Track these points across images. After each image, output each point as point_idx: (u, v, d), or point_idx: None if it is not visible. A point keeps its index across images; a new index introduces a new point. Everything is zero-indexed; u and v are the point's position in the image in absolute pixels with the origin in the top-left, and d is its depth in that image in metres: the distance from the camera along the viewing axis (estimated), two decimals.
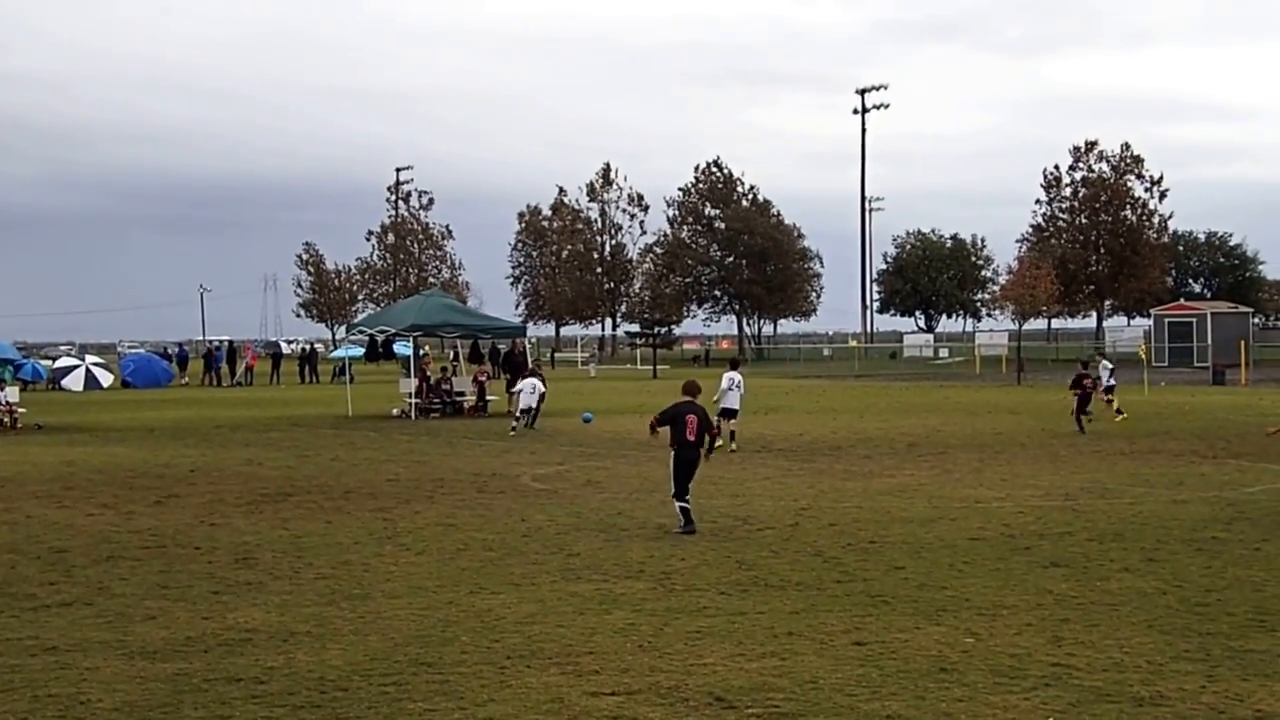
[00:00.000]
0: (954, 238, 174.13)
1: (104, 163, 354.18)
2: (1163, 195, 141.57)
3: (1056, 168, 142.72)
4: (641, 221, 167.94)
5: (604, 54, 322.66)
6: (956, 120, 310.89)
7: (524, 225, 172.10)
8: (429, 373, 55.44)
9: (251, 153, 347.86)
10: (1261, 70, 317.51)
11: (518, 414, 44.89)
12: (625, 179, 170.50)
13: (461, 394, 54.71)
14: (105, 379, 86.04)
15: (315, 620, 14.73)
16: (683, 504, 21.55)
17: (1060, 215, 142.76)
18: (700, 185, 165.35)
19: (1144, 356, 77.77)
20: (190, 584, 17.07)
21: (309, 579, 17.36)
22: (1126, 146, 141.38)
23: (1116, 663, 12.51)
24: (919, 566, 17.79)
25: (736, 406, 37.16)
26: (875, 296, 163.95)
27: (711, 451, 22.26)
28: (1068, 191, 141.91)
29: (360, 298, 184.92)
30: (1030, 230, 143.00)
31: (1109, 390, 46.98)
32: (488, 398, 54.39)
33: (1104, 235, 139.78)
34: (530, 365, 54.01)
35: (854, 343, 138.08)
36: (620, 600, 15.70)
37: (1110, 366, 48.90)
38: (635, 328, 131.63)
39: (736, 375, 37.77)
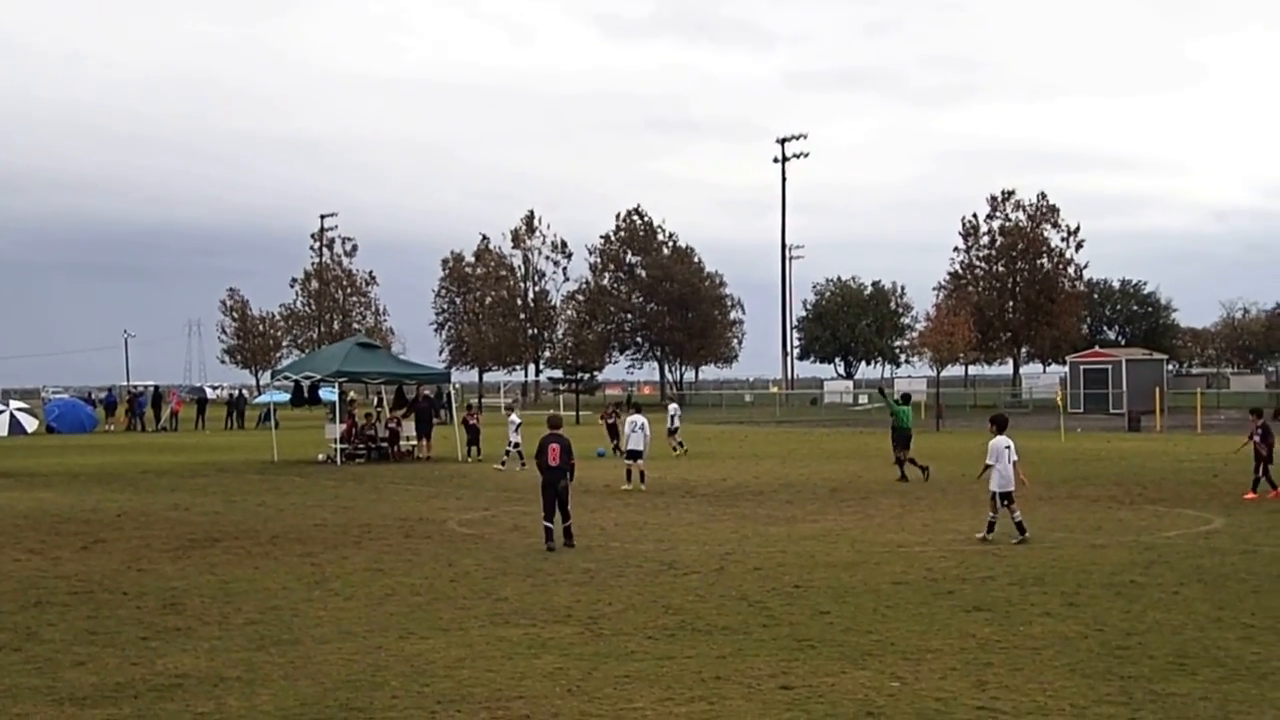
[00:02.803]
0: (874, 285, 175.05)
1: (24, 208, 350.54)
2: (1079, 245, 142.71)
3: (975, 216, 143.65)
4: (565, 268, 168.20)
5: (522, 104, 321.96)
6: (874, 169, 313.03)
7: (447, 272, 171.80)
8: (355, 418, 55.27)
9: (174, 198, 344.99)
10: (1168, 122, 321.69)
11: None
12: (549, 226, 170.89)
13: (385, 440, 54.60)
14: (30, 424, 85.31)
15: (245, 665, 14.62)
16: (547, 524, 24.83)
17: (978, 263, 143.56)
18: (621, 233, 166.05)
19: (1060, 403, 78.32)
20: (119, 630, 16.92)
21: (238, 624, 17.23)
22: (1043, 196, 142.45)
23: (1040, 706, 12.56)
24: (844, 611, 17.83)
25: (640, 448, 37.95)
26: (796, 343, 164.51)
27: (571, 479, 25.30)
28: (985, 240, 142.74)
29: (285, 343, 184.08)
30: (948, 278, 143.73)
31: (672, 432, 54.07)
32: (403, 444, 54.50)
33: (1020, 283, 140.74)
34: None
35: (775, 389, 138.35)
36: (549, 645, 15.67)
37: (677, 410, 55.60)
38: (558, 374, 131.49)
39: (640, 418, 38.65)
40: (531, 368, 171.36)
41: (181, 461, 54.03)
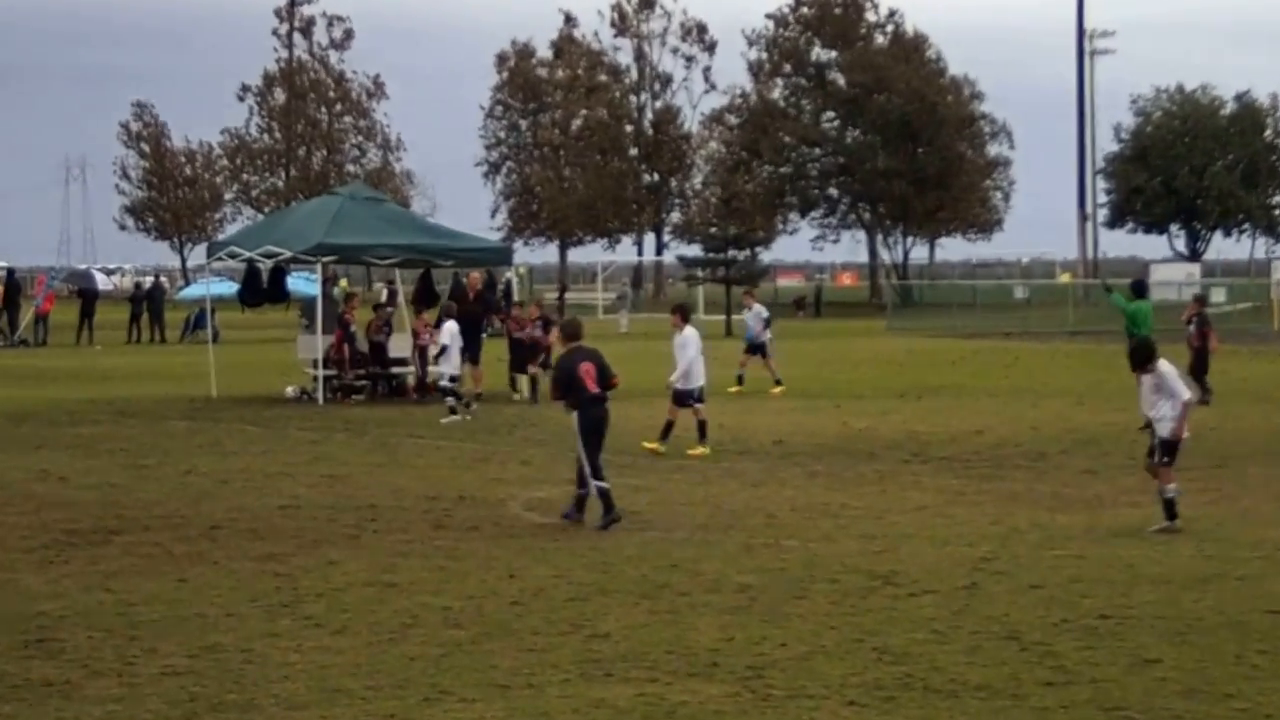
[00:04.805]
0: (1239, 99, 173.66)
1: None
2: None
3: None
4: (706, 69, 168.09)
5: None
6: None
7: (506, 78, 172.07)
8: (351, 326, 55.31)
9: None
10: None
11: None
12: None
13: (403, 361, 54.66)
14: None
15: None
16: (600, 485, 26.41)
17: None
18: (803, 10, 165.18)
19: None
20: None
21: (151, 675, 17.35)
22: None
23: None
24: (1185, 659, 17.75)
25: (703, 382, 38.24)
26: (1103, 200, 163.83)
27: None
28: None
29: (229, 198, 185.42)
30: None
31: (757, 350, 56.19)
32: (444, 371, 54.62)
33: None
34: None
35: (1067, 278, 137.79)
36: (680, 714, 15.72)
37: (765, 316, 56.72)
38: (696, 251, 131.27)
39: (692, 331, 38.36)
40: (649, 240, 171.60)
41: (56, 398, 54.51)
